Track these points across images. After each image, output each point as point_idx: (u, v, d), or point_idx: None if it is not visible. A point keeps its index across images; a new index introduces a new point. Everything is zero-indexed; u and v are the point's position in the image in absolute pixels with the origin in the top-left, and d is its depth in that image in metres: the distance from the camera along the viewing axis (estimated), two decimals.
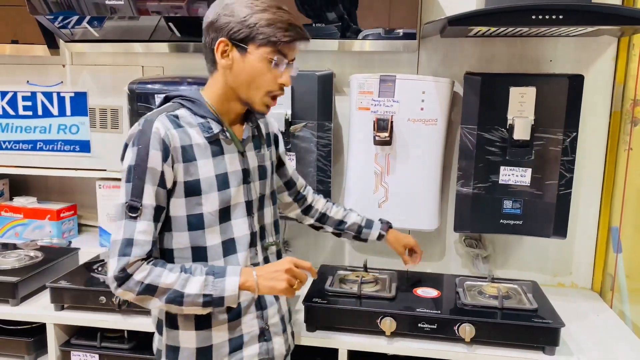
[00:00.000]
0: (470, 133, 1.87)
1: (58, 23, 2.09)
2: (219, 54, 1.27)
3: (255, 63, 1.26)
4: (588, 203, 2.06)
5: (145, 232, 1.22)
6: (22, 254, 2.09)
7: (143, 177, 1.22)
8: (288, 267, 1.26)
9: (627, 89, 1.94)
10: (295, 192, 1.67)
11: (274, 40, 1.24)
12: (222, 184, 1.30)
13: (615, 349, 1.65)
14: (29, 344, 1.87)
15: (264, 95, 1.29)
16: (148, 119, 1.26)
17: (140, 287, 1.21)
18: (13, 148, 2.43)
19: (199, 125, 1.29)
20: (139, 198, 1.22)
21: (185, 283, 1.22)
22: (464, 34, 1.92)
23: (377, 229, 1.74)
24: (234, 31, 1.24)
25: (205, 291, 1.22)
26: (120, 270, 1.20)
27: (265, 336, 1.39)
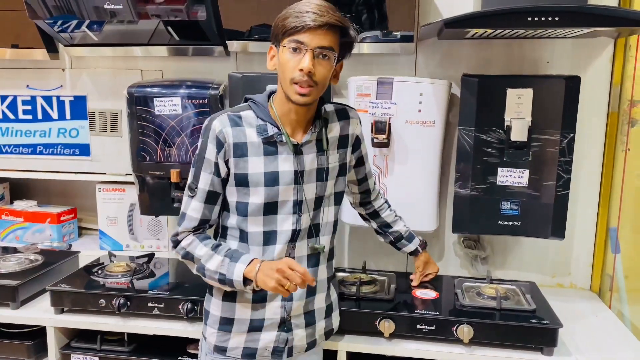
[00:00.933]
0: (468, 134, 1.87)
1: (57, 27, 2.09)
2: (269, 59, 1.41)
3: (282, 56, 1.36)
4: (586, 204, 2.06)
5: (195, 210, 1.46)
6: (22, 257, 2.10)
7: (201, 165, 1.44)
8: (280, 268, 1.34)
9: (624, 90, 1.94)
10: (364, 187, 1.72)
11: (287, 29, 1.32)
12: (270, 180, 1.42)
13: (613, 350, 1.65)
14: (30, 347, 1.87)
15: (290, 84, 1.35)
16: (212, 117, 1.44)
17: (183, 252, 1.47)
18: (13, 152, 2.43)
19: (256, 127, 1.43)
20: (196, 181, 1.45)
21: (209, 259, 1.43)
22: (461, 36, 1.92)
23: (415, 245, 1.83)
24: (273, 35, 1.38)
25: (220, 270, 1.41)
26: (173, 235, 1.50)
27: (285, 326, 1.49)
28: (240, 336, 1.48)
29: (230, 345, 1.48)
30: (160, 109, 1.98)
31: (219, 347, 1.49)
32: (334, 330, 1.63)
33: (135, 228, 2.36)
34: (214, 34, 2.05)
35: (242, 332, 1.48)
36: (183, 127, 1.98)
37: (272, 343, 1.48)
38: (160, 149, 2.01)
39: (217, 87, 1.99)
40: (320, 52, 1.33)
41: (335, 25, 1.33)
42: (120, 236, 2.37)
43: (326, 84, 1.39)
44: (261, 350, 1.48)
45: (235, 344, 1.48)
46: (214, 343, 1.50)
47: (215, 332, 1.50)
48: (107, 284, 1.88)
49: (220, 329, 1.49)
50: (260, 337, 1.48)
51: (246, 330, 1.47)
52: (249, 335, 1.48)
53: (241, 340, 1.48)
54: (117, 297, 1.78)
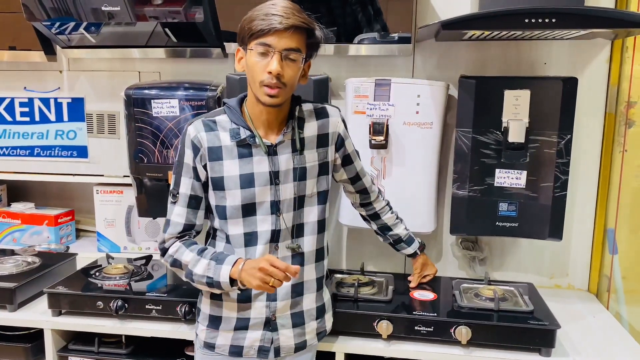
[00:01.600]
0: (466, 136, 1.87)
1: (55, 29, 2.09)
2: (237, 61, 1.43)
3: (249, 58, 1.37)
4: (583, 205, 2.06)
5: (179, 215, 1.48)
6: (19, 259, 2.10)
7: (180, 170, 1.47)
8: (261, 267, 1.34)
9: (621, 91, 1.95)
10: (360, 185, 1.70)
11: (254, 32, 1.33)
12: (246, 182, 1.44)
13: (611, 351, 1.65)
14: (27, 349, 1.87)
15: (259, 86, 1.37)
16: (189, 123, 1.48)
17: (171, 260, 1.48)
18: (11, 154, 2.43)
19: (229, 131, 1.45)
20: (177, 187, 1.48)
21: (195, 264, 1.44)
22: (459, 37, 1.93)
23: (413, 248, 1.84)
24: (239, 38, 1.40)
25: (207, 273, 1.42)
26: (160, 243, 1.50)
27: (270, 326, 1.50)
28: (227, 334, 1.51)
29: (218, 343, 1.52)
30: (158, 110, 1.98)
31: (208, 343, 1.54)
32: (327, 332, 1.63)
33: (133, 230, 2.36)
34: (212, 36, 2.06)
35: (229, 330, 1.51)
36: (181, 129, 1.98)
37: (258, 342, 1.51)
38: (158, 150, 2.01)
39: (214, 89, 1.99)
40: (288, 54, 1.35)
41: (302, 27, 1.35)
42: (118, 238, 2.37)
43: (295, 85, 1.41)
44: (247, 348, 1.51)
45: (223, 341, 1.52)
46: (204, 339, 1.54)
47: (205, 329, 1.54)
48: (105, 286, 1.87)
49: (209, 326, 1.53)
50: (246, 335, 1.51)
51: (232, 328, 1.51)
52: (235, 333, 1.51)
53: (228, 337, 1.51)
54: (115, 299, 1.77)
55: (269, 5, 1.35)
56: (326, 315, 1.62)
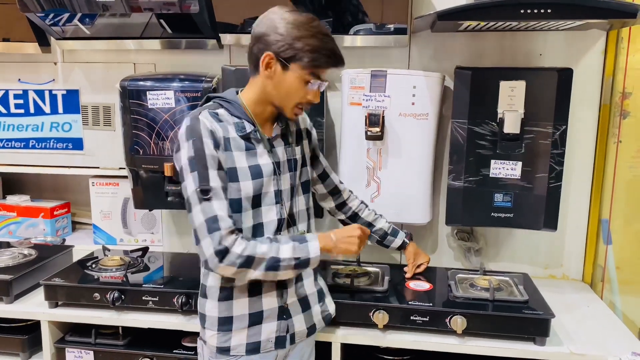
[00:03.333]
0: (461, 127, 1.88)
1: (49, 20, 2.08)
2: (263, 65, 1.41)
3: (293, 80, 1.41)
4: (578, 195, 2.07)
5: (222, 209, 1.36)
6: (16, 252, 2.10)
7: (205, 163, 1.37)
8: (359, 234, 1.47)
9: (616, 82, 1.95)
10: (330, 184, 1.77)
11: (315, 65, 1.39)
12: (255, 174, 1.45)
13: (605, 339, 1.67)
14: (24, 341, 1.87)
15: (294, 106, 1.46)
16: (193, 116, 1.41)
17: (241, 260, 1.34)
18: (5, 146, 2.42)
19: (234, 124, 1.45)
20: (206, 182, 1.36)
21: (278, 250, 1.39)
22: (454, 28, 1.93)
23: (401, 239, 1.86)
24: (281, 49, 1.38)
25: (295, 255, 1.39)
26: (218, 244, 1.33)
27: (284, 314, 1.50)
28: (241, 333, 1.47)
29: (233, 344, 1.46)
30: (153, 102, 1.97)
31: (221, 348, 1.47)
32: (332, 315, 1.64)
33: (129, 222, 2.36)
34: (207, 27, 2.05)
35: (242, 329, 1.47)
36: (176, 121, 1.98)
37: (274, 333, 1.49)
38: (154, 142, 2.00)
39: (210, 80, 1.98)
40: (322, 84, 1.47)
41: None
42: (114, 230, 2.37)
43: None
44: (264, 342, 1.48)
45: (238, 341, 1.47)
46: (216, 345, 1.47)
47: (216, 334, 1.47)
48: (102, 277, 1.88)
49: (220, 329, 1.47)
50: (261, 329, 1.48)
51: (247, 325, 1.47)
52: (250, 330, 1.47)
53: (242, 336, 1.47)
54: (112, 291, 1.78)
55: (326, 37, 1.39)
56: (326, 299, 1.64)
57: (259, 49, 1.40)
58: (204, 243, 1.34)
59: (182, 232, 2.34)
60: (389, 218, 1.89)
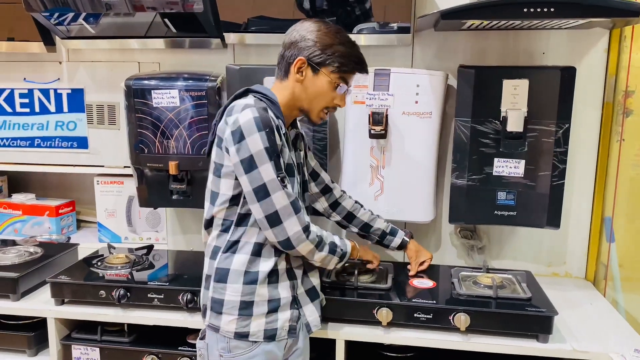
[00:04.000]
0: (465, 125, 1.89)
1: (54, 20, 2.09)
2: (295, 69, 1.50)
3: (323, 84, 1.51)
4: (581, 193, 2.08)
5: (296, 192, 1.50)
6: (21, 250, 2.11)
7: (278, 153, 1.45)
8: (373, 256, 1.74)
9: (619, 81, 1.96)
10: (321, 182, 1.82)
11: (344, 70, 1.51)
12: (291, 172, 1.52)
13: (608, 337, 1.67)
14: (30, 338, 1.89)
15: (321, 110, 1.55)
16: (259, 107, 1.44)
17: (317, 239, 1.50)
18: (11, 145, 2.44)
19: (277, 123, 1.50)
20: (281, 170, 1.45)
21: (333, 237, 1.57)
22: (458, 27, 1.93)
23: (400, 237, 1.88)
24: (314, 55, 1.49)
25: (340, 246, 1.58)
26: (304, 221, 1.47)
27: (296, 304, 1.55)
28: (260, 319, 1.49)
29: (252, 329, 1.48)
30: (158, 101, 1.98)
31: (240, 333, 1.47)
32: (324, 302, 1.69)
33: (134, 220, 2.37)
34: (211, 26, 2.06)
35: (261, 315, 1.49)
36: (181, 120, 1.99)
37: (288, 322, 1.52)
38: (159, 141, 2.01)
39: (214, 80, 1.99)
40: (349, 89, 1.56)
41: None
42: (119, 228, 2.38)
43: None
44: (280, 330, 1.51)
45: (257, 327, 1.48)
46: (234, 330, 1.47)
47: (236, 319, 1.47)
48: (107, 275, 1.89)
49: (241, 314, 1.47)
50: (278, 317, 1.51)
51: (265, 312, 1.49)
52: (267, 317, 1.49)
53: (261, 323, 1.49)
54: (117, 289, 1.79)
55: (354, 45, 1.53)
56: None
57: (292, 54, 1.50)
58: (288, 223, 1.44)
59: (186, 230, 2.35)
60: (392, 216, 1.90)
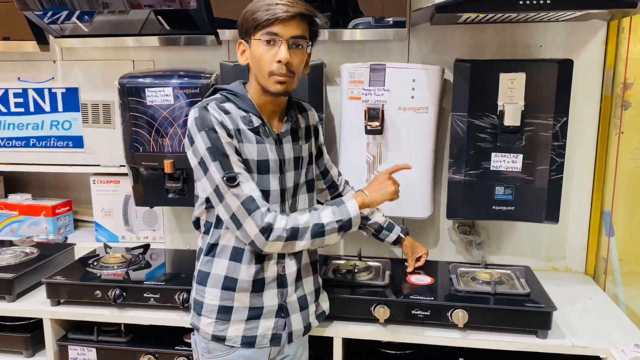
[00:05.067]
0: (461, 120, 1.87)
1: (47, 19, 2.07)
2: (239, 54, 1.43)
3: (255, 49, 1.38)
4: (580, 187, 2.06)
5: (254, 189, 1.38)
6: (17, 250, 2.10)
7: (224, 151, 1.36)
8: (386, 177, 1.56)
9: (617, 73, 1.94)
10: (329, 180, 1.76)
11: (259, 22, 1.35)
12: (263, 168, 1.43)
13: (608, 332, 1.66)
14: (27, 339, 1.88)
15: (268, 76, 1.39)
16: (201, 107, 1.39)
17: (287, 233, 1.38)
18: (6, 145, 2.42)
19: (241, 118, 1.42)
20: (230, 169, 1.36)
21: (319, 216, 1.42)
22: (454, 21, 1.91)
23: (396, 233, 1.86)
24: (241, 30, 1.41)
25: (336, 217, 1.43)
26: (261, 222, 1.36)
27: (282, 312, 1.50)
28: (239, 325, 1.47)
29: (230, 334, 1.47)
30: (152, 99, 1.97)
31: (217, 336, 1.47)
32: (326, 313, 1.64)
33: (131, 219, 2.36)
34: (205, 23, 2.04)
35: (240, 321, 1.47)
36: (175, 117, 1.97)
37: (271, 330, 1.49)
38: (153, 139, 2.00)
39: (209, 77, 1.98)
40: (294, 42, 1.38)
41: (306, 14, 1.38)
42: (116, 228, 2.38)
43: (300, 73, 1.44)
44: (260, 338, 1.48)
45: (234, 332, 1.47)
46: (212, 332, 1.47)
47: (214, 322, 1.47)
48: (103, 275, 1.88)
49: (218, 317, 1.47)
50: (259, 324, 1.48)
51: (245, 318, 1.47)
52: (247, 323, 1.47)
53: (240, 328, 1.47)
54: (113, 289, 1.78)
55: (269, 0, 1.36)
56: (321, 296, 1.64)
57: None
58: (246, 225, 1.36)
59: (183, 229, 2.34)
60: (389, 212, 1.89)
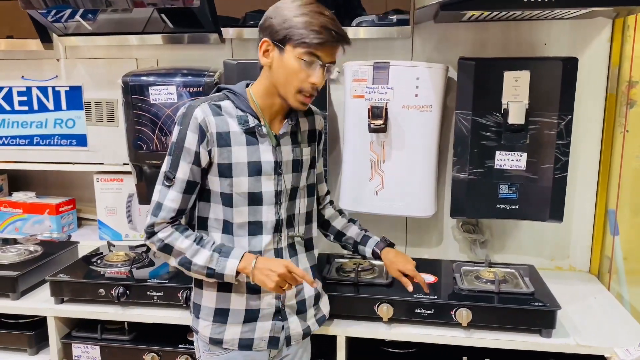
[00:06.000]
0: (465, 118, 1.86)
1: (51, 17, 2.08)
2: (261, 53, 1.40)
3: (290, 62, 1.36)
4: (584, 186, 2.05)
5: (173, 201, 1.42)
6: (21, 248, 2.11)
7: (179, 154, 1.40)
8: (281, 272, 1.38)
9: (622, 71, 1.93)
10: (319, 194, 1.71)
11: (306, 42, 1.33)
12: (253, 170, 1.43)
13: (612, 331, 1.66)
14: (31, 337, 1.88)
15: (295, 92, 1.39)
16: (192, 105, 1.41)
17: (161, 244, 1.43)
18: (10, 143, 2.43)
19: (237, 117, 1.42)
20: (174, 171, 1.41)
21: (195, 253, 1.42)
22: (458, 18, 1.91)
23: (370, 247, 1.67)
24: (274, 32, 1.36)
25: (210, 265, 1.41)
26: (148, 226, 1.43)
27: (280, 315, 1.49)
28: (235, 327, 1.47)
29: (226, 337, 1.47)
30: (155, 97, 1.97)
31: (214, 339, 1.47)
32: (326, 317, 1.63)
33: (134, 217, 2.36)
34: (209, 21, 2.04)
35: (237, 324, 1.47)
36: None
37: (268, 333, 1.48)
38: (157, 138, 2.00)
39: (212, 75, 1.98)
40: (329, 67, 1.40)
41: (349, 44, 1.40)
42: (120, 226, 2.38)
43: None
44: (257, 340, 1.47)
45: (231, 335, 1.46)
46: (209, 335, 1.48)
47: (210, 325, 1.47)
48: (107, 273, 1.88)
49: (215, 320, 1.47)
50: (255, 327, 1.47)
51: (242, 321, 1.46)
52: (244, 326, 1.47)
53: (237, 331, 1.46)
54: (117, 287, 1.78)
55: (318, 14, 1.34)
56: (322, 300, 1.62)
57: (259, 39, 1.40)
58: (147, 217, 1.44)
59: None
60: (394, 211, 1.88)
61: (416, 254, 2.17)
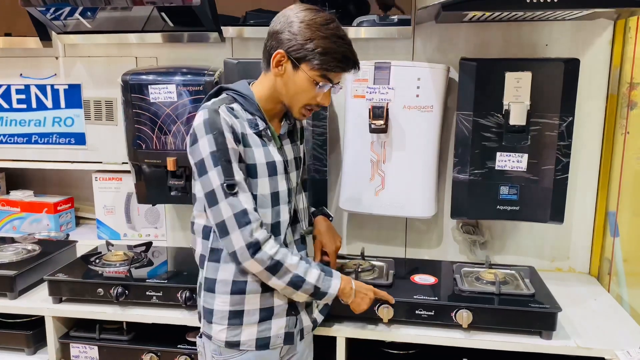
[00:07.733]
0: (466, 119, 1.86)
1: (50, 15, 2.07)
2: (274, 63, 1.40)
3: (303, 81, 1.40)
4: (585, 188, 2.05)
5: (249, 202, 1.37)
6: (19, 247, 2.10)
7: (228, 157, 1.36)
8: (372, 297, 1.54)
9: (623, 72, 1.93)
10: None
11: (325, 68, 1.38)
12: (271, 171, 1.44)
13: (612, 333, 1.65)
14: (29, 337, 1.88)
15: (302, 107, 1.45)
16: (212, 109, 1.38)
17: (271, 262, 1.37)
18: (8, 141, 2.42)
19: (247, 120, 1.43)
20: (231, 176, 1.35)
21: (307, 271, 1.42)
22: (459, 19, 1.90)
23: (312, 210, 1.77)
24: (293, 49, 1.37)
25: (317, 284, 1.43)
26: (250, 236, 1.35)
27: (293, 310, 1.50)
28: (251, 328, 1.45)
29: (243, 339, 1.45)
30: (155, 96, 1.96)
31: (231, 342, 1.45)
32: (329, 305, 1.63)
33: (133, 217, 2.35)
34: (209, 20, 2.03)
35: (252, 324, 1.45)
36: (179, 115, 1.96)
37: (283, 329, 1.48)
38: (156, 137, 1.99)
39: (212, 74, 1.97)
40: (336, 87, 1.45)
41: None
42: (118, 225, 2.37)
43: None
44: (274, 338, 1.47)
45: (248, 336, 1.45)
46: (225, 339, 1.45)
47: (226, 328, 1.45)
48: (105, 273, 1.87)
49: (230, 323, 1.45)
50: (271, 325, 1.47)
51: (257, 320, 1.46)
52: (260, 325, 1.46)
53: (253, 332, 1.45)
54: (115, 286, 1.77)
55: (340, 40, 1.38)
56: None
57: (272, 46, 1.40)
58: (233, 236, 1.35)
59: (185, 227, 2.33)
60: (394, 212, 1.88)
61: (416, 255, 2.17)
